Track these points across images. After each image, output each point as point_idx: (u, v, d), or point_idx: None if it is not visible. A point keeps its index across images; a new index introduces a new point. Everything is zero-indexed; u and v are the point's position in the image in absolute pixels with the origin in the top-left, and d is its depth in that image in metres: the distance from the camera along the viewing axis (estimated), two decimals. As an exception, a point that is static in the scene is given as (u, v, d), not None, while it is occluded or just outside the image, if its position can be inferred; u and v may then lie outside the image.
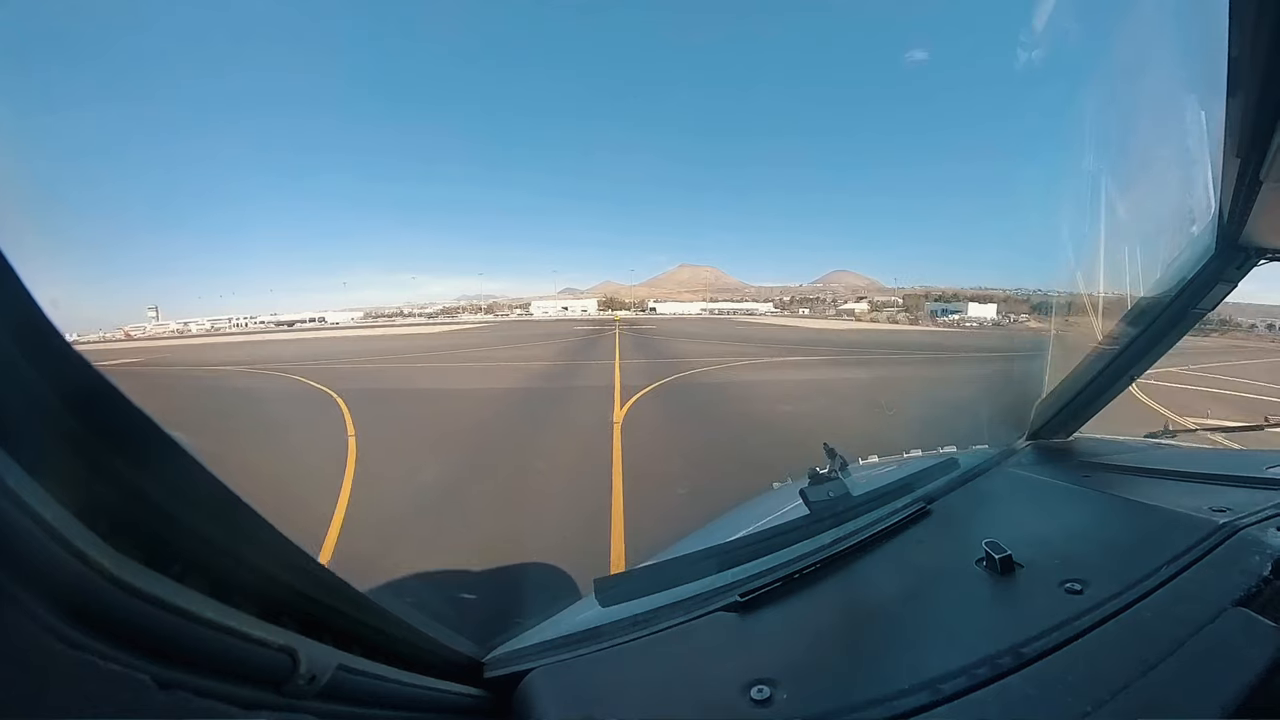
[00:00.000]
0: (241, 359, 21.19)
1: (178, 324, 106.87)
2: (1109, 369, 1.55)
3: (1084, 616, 0.80)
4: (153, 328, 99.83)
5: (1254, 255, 1.28)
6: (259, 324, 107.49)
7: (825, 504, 1.17)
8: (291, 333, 62.18)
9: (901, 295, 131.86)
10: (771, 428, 7.67)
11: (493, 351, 21.96)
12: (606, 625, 0.95)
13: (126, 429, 0.38)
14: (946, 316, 79.05)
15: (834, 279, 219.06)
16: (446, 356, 20.04)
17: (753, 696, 0.74)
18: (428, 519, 4.57)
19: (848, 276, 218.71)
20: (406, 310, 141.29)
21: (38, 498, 0.33)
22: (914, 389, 12.74)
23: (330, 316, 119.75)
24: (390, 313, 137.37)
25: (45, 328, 0.34)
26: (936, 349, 23.65)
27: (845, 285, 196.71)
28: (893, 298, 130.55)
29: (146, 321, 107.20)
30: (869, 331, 42.96)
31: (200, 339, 62.05)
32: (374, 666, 0.61)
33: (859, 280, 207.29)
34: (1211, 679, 0.64)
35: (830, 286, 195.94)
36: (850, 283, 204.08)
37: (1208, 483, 1.27)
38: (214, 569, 0.44)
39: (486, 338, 33.23)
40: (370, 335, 42.34)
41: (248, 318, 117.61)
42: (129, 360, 22.96)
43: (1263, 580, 0.79)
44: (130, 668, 0.36)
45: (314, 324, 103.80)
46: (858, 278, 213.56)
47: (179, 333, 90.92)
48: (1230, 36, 0.83)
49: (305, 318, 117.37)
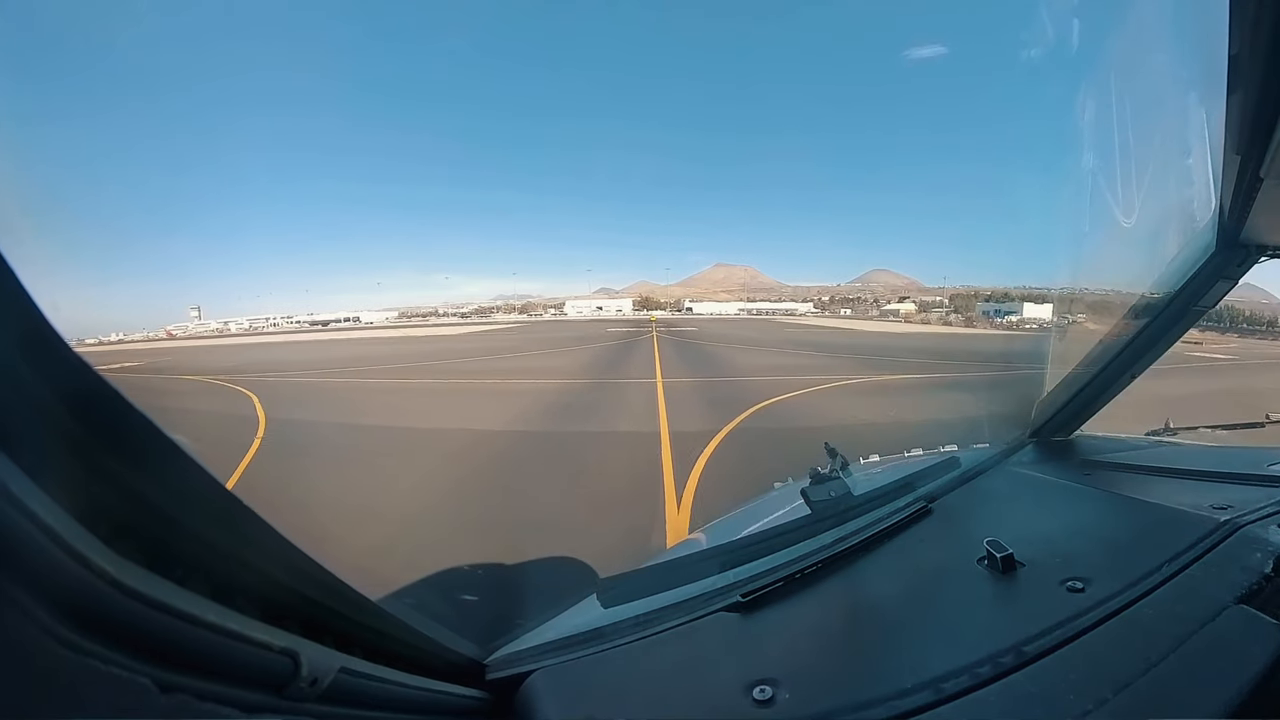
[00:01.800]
0: (233, 366, 18.54)
1: (218, 323, 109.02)
2: (1110, 367, 1.55)
3: (1085, 615, 0.80)
4: (195, 327, 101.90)
5: (1254, 252, 1.28)
6: (293, 323, 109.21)
7: (826, 503, 1.17)
8: (324, 332, 61.90)
9: (946, 295, 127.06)
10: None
11: (504, 362, 18.17)
12: (608, 626, 0.95)
13: (128, 432, 0.38)
14: (1002, 318, 70.74)
15: (872, 278, 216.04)
16: (450, 369, 16.40)
17: (755, 697, 0.74)
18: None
19: (886, 276, 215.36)
20: (441, 310, 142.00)
21: (39, 501, 0.33)
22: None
23: (365, 316, 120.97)
24: (425, 312, 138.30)
25: (46, 332, 0.34)
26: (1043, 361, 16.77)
27: (884, 284, 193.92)
28: (935, 297, 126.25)
29: (189, 321, 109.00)
30: (933, 336, 36.84)
31: (235, 338, 61.71)
32: (376, 669, 0.61)
33: (898, 280, 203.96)
34: (1213, 677, 0.64)
35: (869, 286, 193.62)
36: (889, 282, 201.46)
37: (1209, 480, 1.27)
38: (215, 572, 0.44)
39: (507, 341, 30.03)
40: (390, 337, 40.91)
41: (284, 317, 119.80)
42: (126, 364, 22.60)
43: (1264, 578, 0.79)
44: (131, 671, 0.36)
45: (348, 323, 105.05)
46: (896, 277, 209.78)
47: (218, 332, 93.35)
48: (1230, 34, 0.83)
49: (340, 317, 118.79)
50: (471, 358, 20.23)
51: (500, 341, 30.42)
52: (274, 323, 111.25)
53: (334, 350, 26.18)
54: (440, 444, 7.15)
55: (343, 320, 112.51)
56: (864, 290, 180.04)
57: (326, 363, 19.16)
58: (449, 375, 15.01)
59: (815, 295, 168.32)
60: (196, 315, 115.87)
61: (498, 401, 10.74)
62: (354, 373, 15.94)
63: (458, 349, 24.78)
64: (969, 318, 73.64)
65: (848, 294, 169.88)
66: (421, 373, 15.64)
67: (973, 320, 69.97)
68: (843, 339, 29.81)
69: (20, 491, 0.32)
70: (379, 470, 6.12)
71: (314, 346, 30.66)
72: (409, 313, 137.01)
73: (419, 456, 6.54)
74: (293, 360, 20.79)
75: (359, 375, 15.33)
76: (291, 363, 19.74)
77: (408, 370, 16.37)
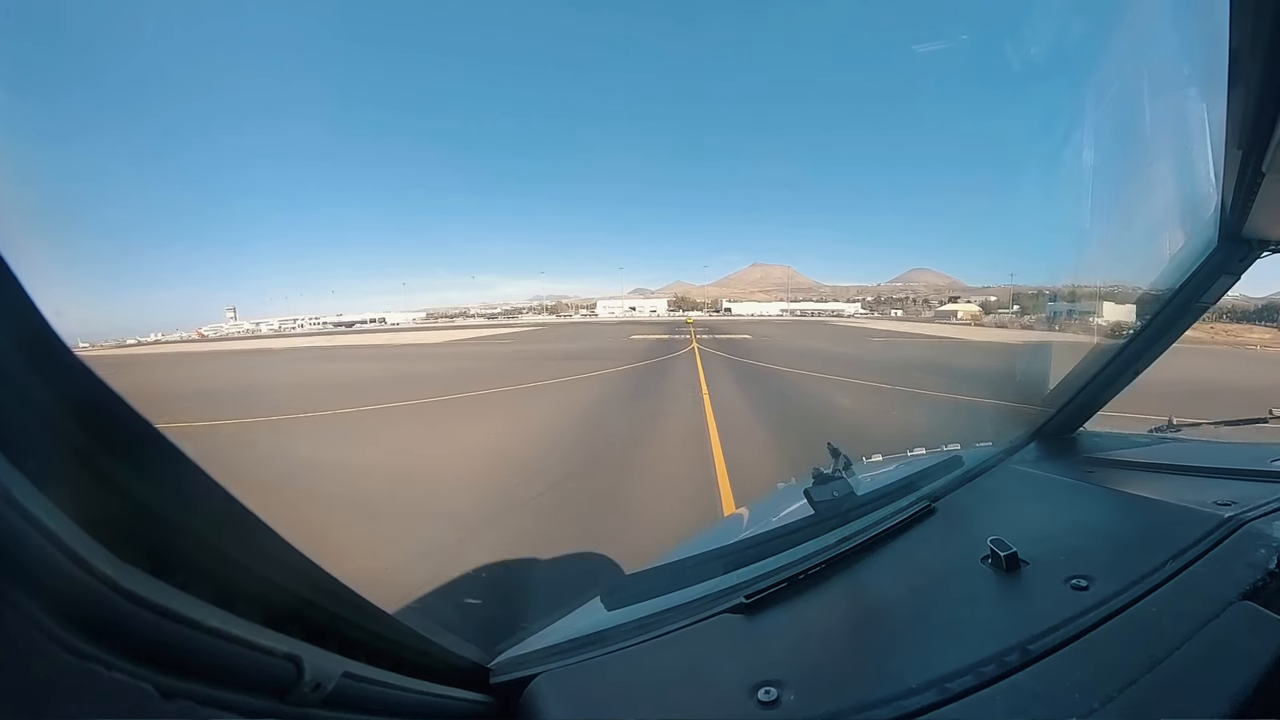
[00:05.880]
0: (196, 388, 13.88)
1: (250, 324, 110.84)
2: (1113, 364, 1.54)
3: (1090, 613, 0.80)
4: (228, 327, 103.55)
5: (1256, 247, 1.28)
6: (318, 325, 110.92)
7: (830, 504, 1.17)
8: (349, 334, 60.89)
9: (993, 294, 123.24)
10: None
11: (470, 389, 11.72)
12: (612, 629, 0.95)
13: (131, 437, 0.38)
14: (1075, 319, 67.02)
15: (913, 277, 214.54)
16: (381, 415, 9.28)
17: (760, 698, 0.73)
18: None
19: (928, 275, 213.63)
20: (471, 311, 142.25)
21: (42, 506, 0.33)
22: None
23: (391, 318, 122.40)
24: (453, 313, 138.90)
25: (49, 337, 0.34)
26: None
27: (926, 284, 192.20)
28: (986, 297, 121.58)
29: (224, 322, 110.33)
30: (1041, 344, 18.78)
31: (265, 339, 60.46)
32: (379, 673, 0.61)
33: (940, 279, 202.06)
34: (1219, 674, 0.64)
35: (910, 285, 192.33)
36: (930, 281, 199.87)
37: (1212, 477, 1.26)
38: (218, 577, 0.44)
39: (487, 353, 23.05)
40: (372, 344, 33.86)
41: (310, 319, 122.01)
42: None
43: (1269, 574, 0.79)
44: (134, 676, 0.36)
45: (373, 325, 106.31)
46: (939, 276, 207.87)
47: (249, 333, 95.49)
48: (1231, 28, 0.83)
49: (366, 318, 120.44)
50: (437, 380, 13.78)
51: (507, 348, 24.71)
52: (300, 324, 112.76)
53: (317, 370, 18.27)
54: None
55: (368, 321, 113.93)
56: (905, 289, 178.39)
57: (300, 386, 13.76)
58: (389, 422, 8.79)
59: (856, 295, 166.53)
60: (232, 315, 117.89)
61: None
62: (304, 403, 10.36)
63: (424, 372, 16.60)
64: (1051, 321, 68.78)
65: (889, 293, 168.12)
66: (377, 407, 10.14)
67: (1057, 324, 65.44)
68: (926, 352, 21.21)
69: (23, 496, 0.32)
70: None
71: (308, 363, 22.23)
72: (436, 314, 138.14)
73: None
74: (282, 384, 14.77)
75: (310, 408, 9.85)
76: (270, 386, 14.29)
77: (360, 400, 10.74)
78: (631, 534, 3.93)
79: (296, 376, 16.74)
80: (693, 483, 5.16)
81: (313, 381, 14.94)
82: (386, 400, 10.88)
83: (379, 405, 10.37)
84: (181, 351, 36.02)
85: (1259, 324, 31.74)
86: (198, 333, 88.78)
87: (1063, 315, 56.74)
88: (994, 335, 36.61)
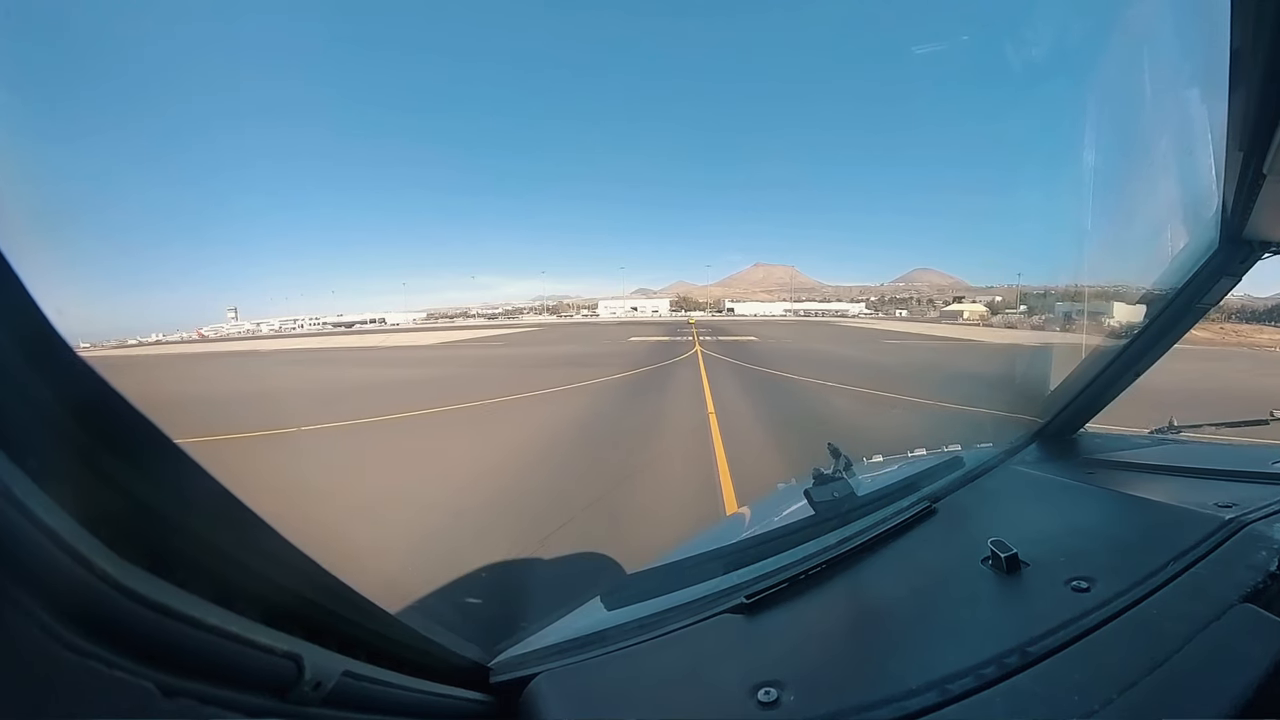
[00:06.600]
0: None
1: (251, 324, 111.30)
2: (1113, 365, 1.54)
3: (1091, 614, 0.80)
4: (229, 328, 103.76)
5: (1257, 249, 1.27)
6: (318, 325, 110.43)
7: (830, 504, 1.17)
8: (345, 335, 59.94)
9: (998, 294, 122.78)
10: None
11: (438, 403, 9.62)
12: (612, 629, 0.95)
13: (131, 436, 0.38)
14: (1092, 320, 66.61)
15: (916, 277, 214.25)
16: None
17: (760, 699, 0.73)
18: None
19: (930, 275, 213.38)
20: (472, 311, 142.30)
21: (43, 505, 0.33)
22: None
23: (392, 318, 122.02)
24: (454, 314, 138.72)
25: (50, 335, 0.35)
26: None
27: (929, 284, 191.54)
28: (990, 297, 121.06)
29: (225, 322, 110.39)
30: (1065, 345, 14.41)
31: (264, 340, 59.80)
32: (379, 672, 0.61)
33: (943, 279, 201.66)
34: (1220, 676, 0.64)
35: (913, 285, 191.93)
36: (934, 281, 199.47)
37: (1213, 478, 1.26)
38: (219, 575, 0.44)
39: (497, 355, 21.20)
40: (378, 346, 30.44)
41: (310, 318, 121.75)
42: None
43: (1270, 575, 0.79)
44: (134, 675, 0.36)
45: (374, 325, 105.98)
46: (941, 276, 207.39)
47: (249, 333, 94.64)
48: (1232, 30, 0.83)
49: (366, 319, 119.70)
50: (404, 390, 11.87)
51: (486, 351, 22.79)
52: (300, 324, 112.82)
53: (288, 378, 15.85)
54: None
55: (368, 322, 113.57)
56: (908, 290, 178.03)
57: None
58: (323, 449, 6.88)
59: (858, 295, 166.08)
60: (234, 316, 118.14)
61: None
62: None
63: (392, 380, 13.98)
64: (1068, 322, 66.70)
65: (891, 293, 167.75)
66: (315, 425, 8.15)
67: (1072, 324, 63.83)
68: (951, 357, 19.52)
69: (24, 494, 0.32)
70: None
71: (290, 367, 19.49)
72: (436, 314, 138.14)
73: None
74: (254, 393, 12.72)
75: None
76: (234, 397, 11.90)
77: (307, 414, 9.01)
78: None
79: (261, 384, 15.01)
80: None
81: (274, 390, 13.33)
82: (340, 417, 8.73)
83: (319, 425, 8.21)
84: (169, 353, 34.31)
85: (1269, 324, 31.75)
86: (198, 333, 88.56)
87: (1075, 315, 56.64)
88: (1007, 336, 34.73)
